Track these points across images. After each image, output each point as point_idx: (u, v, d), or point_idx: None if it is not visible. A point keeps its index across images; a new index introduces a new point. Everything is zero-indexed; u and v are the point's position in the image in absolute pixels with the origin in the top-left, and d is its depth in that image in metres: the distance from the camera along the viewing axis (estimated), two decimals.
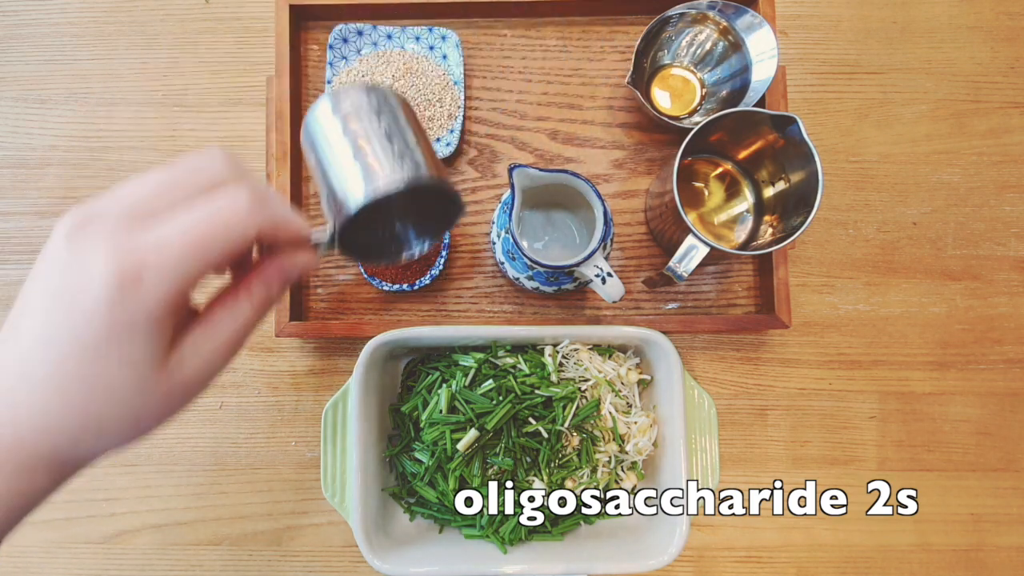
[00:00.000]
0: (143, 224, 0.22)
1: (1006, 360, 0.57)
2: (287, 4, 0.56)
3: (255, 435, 0.57)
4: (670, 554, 0.47)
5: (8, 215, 0.58)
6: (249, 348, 0.57)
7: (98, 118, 0.59)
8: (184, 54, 0.60)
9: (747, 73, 0.53)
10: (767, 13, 0.54)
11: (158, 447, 0.57)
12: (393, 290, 0.56)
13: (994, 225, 0.59)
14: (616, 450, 0.51)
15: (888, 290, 0.58)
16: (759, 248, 0.49)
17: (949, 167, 0.59)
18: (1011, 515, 0.56)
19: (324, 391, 0.57)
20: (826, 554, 0.56)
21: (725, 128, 0.49)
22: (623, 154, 0.58)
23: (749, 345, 0.58)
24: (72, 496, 0.56)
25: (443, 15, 0.58)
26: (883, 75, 0.60)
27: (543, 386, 0.50)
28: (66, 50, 0.60)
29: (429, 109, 0.56)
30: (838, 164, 0.59)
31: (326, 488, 0.49)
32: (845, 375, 0.57)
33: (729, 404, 0.57)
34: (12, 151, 0.59)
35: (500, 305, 0.57)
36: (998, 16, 0.60)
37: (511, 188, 0.45)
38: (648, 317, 0.56)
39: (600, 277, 0.45)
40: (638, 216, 0.58)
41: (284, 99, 0.55)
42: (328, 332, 0.54)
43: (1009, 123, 0.59)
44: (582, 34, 0.59)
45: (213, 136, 0.59)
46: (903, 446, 0.57)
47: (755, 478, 0.56)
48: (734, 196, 0.56)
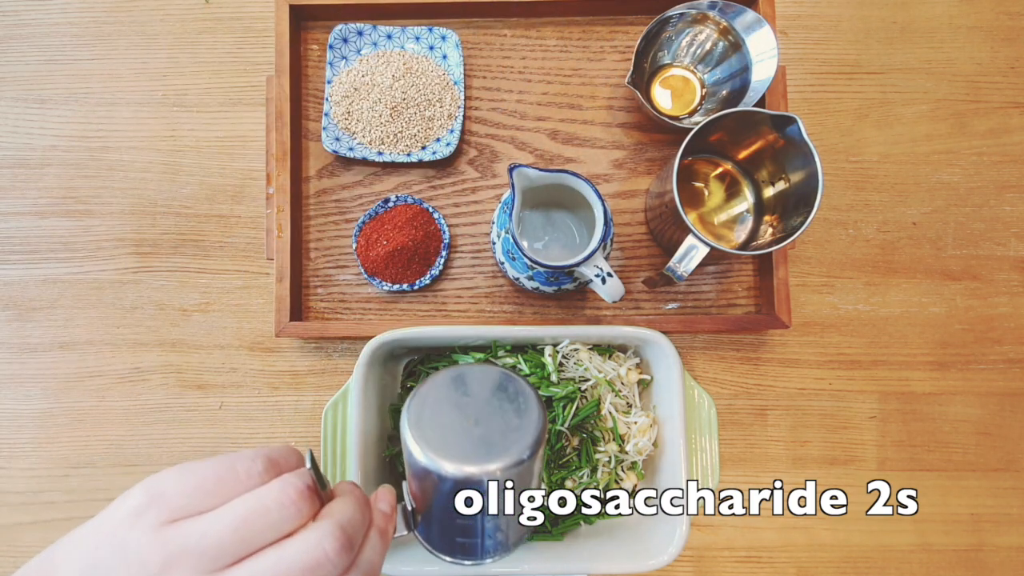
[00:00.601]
0: (217, 566, 0.23)
1: (1006, 360, 0.57)
2: (287, 4, 0.56)
3: (255, 435, 0.57)
4: (670, 554, 0.47)
5: (8, 215, 0.58)
6: (249, 348, 0.57)
7: (98, 118, 0.59)
8: (184, 54, 0.60)
9: (747, 73, 0.53)
10: (767, 13, 0.54)
11: (159, 447, 0.57)
12: (393, 290, 0.56)
13: (994, 225, 0.59)
14: (616, 450, 0.51)
15: (888, 290, 0.58)
16: (759, 248, 0.49)
17: (949, 167, 0.59)
18: (1011, 515, 0.56)
19: (324, 391, 0.57)
20: (826, 554, 0.56)
21: (725, 128, 0.49)
22: (623, 154, 0.58)
23: (749, 345, 0.58)
24: (72, 496, 0.56)
25: (443, 15, 0.58)
26: (883, 75, 0.60)
27: (543, 386, 0.50)
28: (66, 50, 0.60)
29: (429, 109, 0.56)
30: (838, 164, 0.59)
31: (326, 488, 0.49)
32: (845, 375, 0.57)
33: (729, 404, 0.57)
34: (12, 151, 0.59)
35: (500, 305, 0.57)
36: (998, 16, 0.60)
37: (511, 188, 0.45)
38: (648, 317, 0.56)
39: (600, 277, 0.45)
40: (638, 216, 0.58)
41: (284, 99, 0.55)
42: (328, 332, 0.54)
43: (1009, 123, 0.59)
44: (582, 34, 0.59)
45: (213, 136, 0.59)
46: (903, 446, 0.57)
47: (755, 478, 0.56)
48: (734, 196, 0.56)
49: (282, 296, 0.54)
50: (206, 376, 0.57)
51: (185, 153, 0.59)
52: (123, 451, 0.57)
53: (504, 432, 0.34)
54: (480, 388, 0.37)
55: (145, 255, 0.58)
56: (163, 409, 0.57)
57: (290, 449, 0.29)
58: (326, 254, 0.57)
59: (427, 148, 0.57)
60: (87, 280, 0.58)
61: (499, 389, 0.37)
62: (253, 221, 0.58)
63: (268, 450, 0.27)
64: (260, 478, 0.26)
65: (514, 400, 0.36)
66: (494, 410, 0.36)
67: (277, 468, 0.27)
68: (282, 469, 0.27)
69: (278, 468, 0.27)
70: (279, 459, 0.27)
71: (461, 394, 0.37)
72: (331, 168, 0.58)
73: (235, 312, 0.58)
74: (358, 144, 0.57)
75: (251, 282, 0.58)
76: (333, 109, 0.57)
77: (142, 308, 0.58)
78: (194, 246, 0.58)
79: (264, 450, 0.27)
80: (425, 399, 0.35)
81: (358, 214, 0.58)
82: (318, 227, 0.58)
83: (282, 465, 0.27)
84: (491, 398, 0.37)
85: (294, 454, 0.29)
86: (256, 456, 0.26)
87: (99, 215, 0.58)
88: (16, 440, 0.57)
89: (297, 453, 0.29)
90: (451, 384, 0.37)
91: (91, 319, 0.58)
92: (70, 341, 0.57)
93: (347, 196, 0.58)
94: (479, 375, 0.38)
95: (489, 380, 0.38)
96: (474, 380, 0.38)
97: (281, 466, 0.27)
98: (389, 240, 0.54)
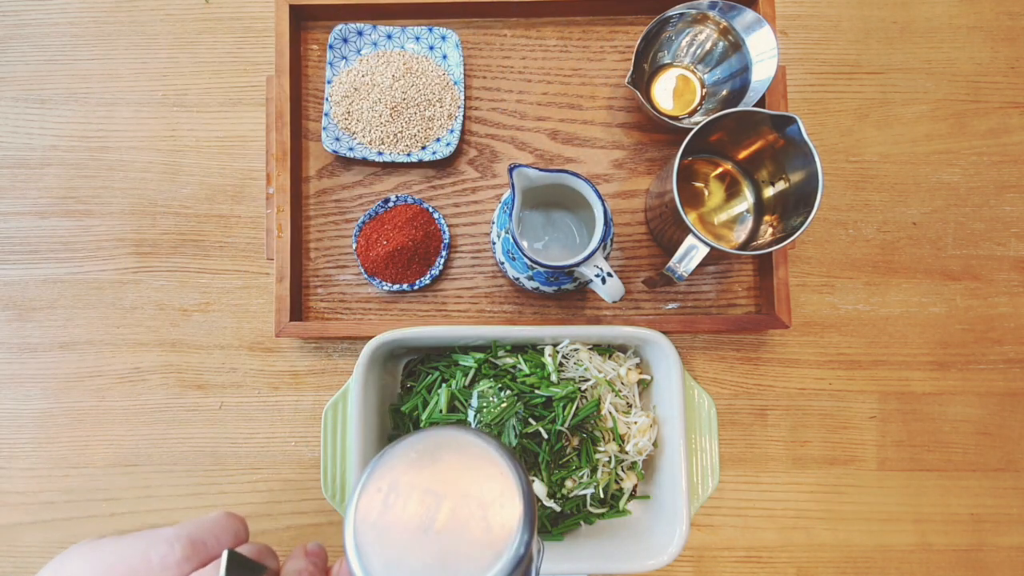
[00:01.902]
0: None
1: (1006, 360, 0.57)
2: (287, 4, 0.56)
3: (255, 435, 0.57)
4: (670, 554, 0.47)
5: (8, 215, 0.58)
6: (249, 348, 0.57)
7: (98, 118, 0.59)
8: (184, 54, 0.60)
9: (747, 73, 0.53)
10: (767, 13, 0.54)
11: (158, 447, 0.57)
12: (393, 290, 0.56)
13: (994, 225, 0.59)
14: (616, 450, 0.51)
15: (888, 290, 0.58)
16: (759, 248, 0.49)
17: (949, 167, 0.59)
18: (1011, 515, 0.56)
19: (324, 391, 0.57)
20: (826, 554, 0.56)
21: (725, 128, 0.49)
22: (623, 154, 0.58)
23: (749, 345, 0.58)
24: (72, 496, 0.56)
25: (443, 15, 0.58)
26: (883, 75, 0.60)
27: (543, 386, 0.50)
28: (66, 50, 0.60)
29: (429, 109, 0.56)
30: (838, 164, 0.59)
31: (326, 488, 0.49)
32: (845, 375, 0.57)
33: (729, 404, 0.57)
34: (12, 151, 0.59)
35: (500, 305, 0.57)
36: (998, 16, 0.60)
37: (511, 188, 0.45)
38: (648, 317, 0.56)
39: (600, 277, 0.45)
40: (638, 216, 0.58)
41: (284, 99, 0.55)
42: (328, 332, 0.54)
43: (1009, 123, 0.59)
44: (582, 34, 0.59)
45: (213, 136, 0.59)
46: (903, 446, 0.57)
47: (755, 478, 0.56)
48: (734, 196, 0.56)
49: (282, 296, 0.54)
50: (206, 376, 0.57)
51: (185, 153, 0.59)
52: (123, 451, 0.57)
53: (471, 546, 0.26)
54: (447, 471, 0.28)
55: (145, 255, 0.58)
56: (163, 409, 0.57)
57: (223, 521, 0.26)
58: (326, 254, 0.57)
59: (427, 148, 0.57)
60: (87, 280, 0.58)
61: (472, 469, 0.28)
62: (253, 221, 0.58)
63: (192, 528, 0.24)
64: (177, 568, 0.23)
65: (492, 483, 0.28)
66: (462, 505, 0.27)
67: (201, 553, 0.24)
68: (208, 551, 0.24)
69: (202, 552, 0.24)
70: (205, 539, 0.24)
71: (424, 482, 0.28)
72: (331, 168, 0.58)
73: (235, 312, 0.58)
74: (358, 144, 0.57)
75: (251, 282, 0.58)
76: (333, 109, 0.57)
77: (142, 308, 0.58)
78: (194, 246, 0.58)
79: (188, 528, 0.24)
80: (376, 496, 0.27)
81: (358, 214, 0.58)
82: (318, 227, 0.58)
83: (209, 546, 0.24)
84: (460, 482, 0.28)
85: (228, 529, 0.26)
86: (176, 539, 0.23)
87: (99, 215, 0.58)
88: (16, 440, 0.57)
89: (232, 522, 0.26)
90: (412, 466, 0.28)
91: (91, 319, 0.58)
92: (70, 341, 0.57)
93: (347, 196, 0.58)
94: (448, 449, 0.29)
95: (460, 455, 0.29)
96: (441, 458, 0.29)
97: (208, 546, 0.24)
98: (389, 240, 0.54)
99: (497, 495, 0.27)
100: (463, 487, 0.27)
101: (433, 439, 0.29)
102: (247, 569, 0.24)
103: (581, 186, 0.46)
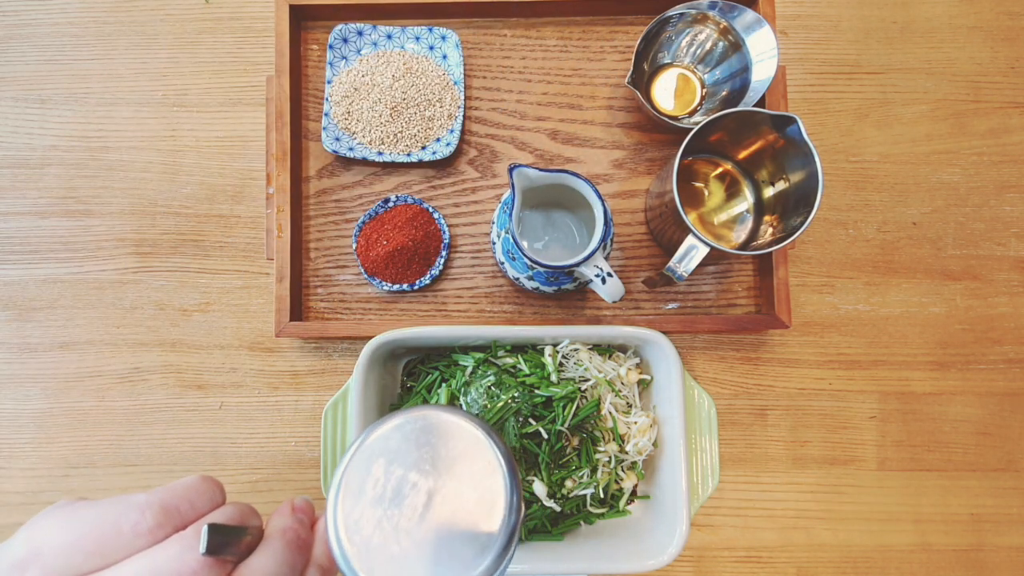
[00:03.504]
0: None
1: (1006, 360, 0.57)
2: (287, 4, 0.56)
3: (255, 435, 0.57)
4: (670, 554, 0.47)
5: (8, 215, 0.58)
6: (249, 348, 0.57)
7: (98, 118, 0.59)
8: (184, 54, 0.60)
9: (747, 73, 0.53)
10: (767, 13, 0.54)
11: (158, 447, 0.57)
12: (393, 290, 0.56)
13: (994, 225, 0.59)
14: (616, 450, 0.51)
15: (888, 290, 0.58)
16: (759, 248, 0.49)
17: (949, 167, 0.59)
18: (1011, 515, 0.56)
19: (324, 391, 0.57)
20: (826, 554, 0.56)
21: (725, 128, 0.49)
22: (623, 154, 0.58)
23: (749, 345, 0.58)
24: (72, 496, 0.56)
25: (443, 15, 0.58)
26: (883, 75, 0.60)
27: (543, 386, 0.50)
28: (66, 50, 0.60)
29: (429, 109, 0.56)
30: (838, 164, 0.59)
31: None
32: (845, 375, 0.57)
33: (729, 404, 0.57)
34: (12, 151, 0.59)
35: (500, 305, 0.57)
36: (998, 16, 0.60)
37: (511, 188, 0.45)
38: (648, 317, 0.56)
39: (600, 277, 0.45)
40: (638, 216, 0.58)
41: (284, 99, 0.55)
42: (328, 332, 0.54)
43: (1009, 123, 0.59)
44: (582, 34, 0.59)
45: (213, 136, 0.59)
46: (903, 446, 0.57)
47: (755, 478, 0.56)
48: (734, 196, 0.56)
49: (282, 296, 0.54)
50: (206, 376, 0.57)
51: (185, 153, 0.59)
52: (123, 451, 0.57)
53: (458, 541, 0.26)
54: (434, 458, 0.28)
55: (145, 255, 0.58)
56: (163, 409, 0.57)
57: (198, 485, 0.25)
58: (326, 254, 0.57)
59: (427, 148, 0.57)
60: (87, 280, 0.58)
61: (461, 460, 0.28)
62: (253, 221, 0.58)
63: (165, 494, 0.23)
64: (150, 535, 0.22)
65: (479, 477, 0.27)
66: (450, 498, 0.27)
67: (175, 519, 0.23)
68: (183, 517, 0.23)
69: (176, 518, 0.23)
70: (179, 504, 0.23)
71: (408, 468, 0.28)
72: (331, 168, 0.58)
73: (235, 312, 0.58)
74: (358, 144, 0.57)
75: (251, 282, 0.58)
76: (333, 109, 0.57)
77: (142, 308, 0.58)
78: (194, 246, 0.58)
79: (160, 494, 0.23)
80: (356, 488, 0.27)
81: (358, 214, 0.58)
82: (318, 227, 0.58)
83: (183, 511, 0.23)
84: (448, 475, 0.27)
85: (203, 493, 0.24)
86: (148, 506, 0.23)
87: (99, 215, 0.58)
88: (16, 440, 0.57)
89: (207, 486, 0.25)
90: (398, 451, 0.28)
91: (91, 319, 0.58)
92: (70, 341, 0.57)
93: (347, 196, 0.58)
94: (437, 433, 0.29)
95: (451, 443, 0.29)
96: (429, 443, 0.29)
97: (182, 512, 0.23)
98: (389, 240, 0.54)
99: (482, 473, 0.28)
100: (446, 467, 0.28)
101: (420, 421, 0.29)
102: (229, 535, 0.23)
103: (581, 186, 0.46)
